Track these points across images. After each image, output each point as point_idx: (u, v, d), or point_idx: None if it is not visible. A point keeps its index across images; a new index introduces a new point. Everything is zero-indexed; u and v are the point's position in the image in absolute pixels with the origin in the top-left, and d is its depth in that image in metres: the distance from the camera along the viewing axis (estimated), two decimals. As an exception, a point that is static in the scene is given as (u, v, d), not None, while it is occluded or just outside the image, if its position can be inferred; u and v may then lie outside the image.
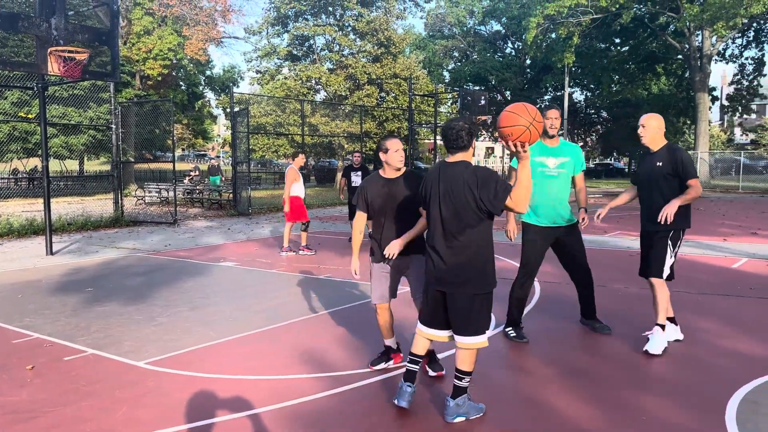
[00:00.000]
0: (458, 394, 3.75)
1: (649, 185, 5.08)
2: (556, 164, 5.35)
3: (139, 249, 11.15)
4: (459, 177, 3.63)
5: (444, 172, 3.71)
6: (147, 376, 4.57)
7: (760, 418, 3.71)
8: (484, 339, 3.77)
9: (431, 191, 3.78)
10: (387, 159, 4.39)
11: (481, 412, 3.82)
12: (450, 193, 3.64)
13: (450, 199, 3.65)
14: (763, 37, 34.28)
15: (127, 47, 28.23)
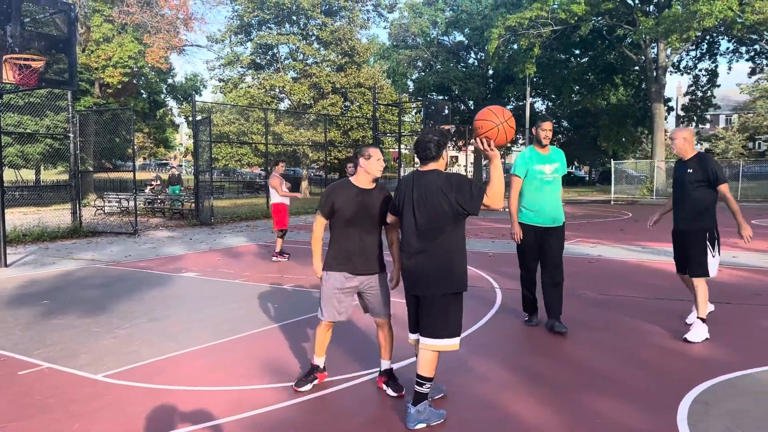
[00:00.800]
0: (419, 401, 3.79)
1: (683, 190, 5.63)
2: (552, 170, 5.82)
3: (97, 260, 10.93)
4: (432, 183, 3.75)
5: (418, 180, 3.83)
6: (104, 389, 4.49)
7: (710, 419, 3.83)
8: (455, 342, 3.83)
9: (405, 198, 3.88)
10: (367, 166, 4.25)
11: (441, 418, 3.86)
12: (424, 198, 3.75)
13: (424, 204, 3.75)
14: (716, 50, 35.51)
15: (85, 55, 27.70)
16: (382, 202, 4.27)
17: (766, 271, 8.87)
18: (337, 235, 4.31)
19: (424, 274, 3.78)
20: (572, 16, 28.56)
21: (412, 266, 3.84)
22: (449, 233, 3.75)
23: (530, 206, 5.80)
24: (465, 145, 39.65)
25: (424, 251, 3.77)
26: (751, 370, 4.68)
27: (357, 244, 4.26)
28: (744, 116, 58.95)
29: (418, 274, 3.81)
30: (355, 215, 4.23)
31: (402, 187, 3.95)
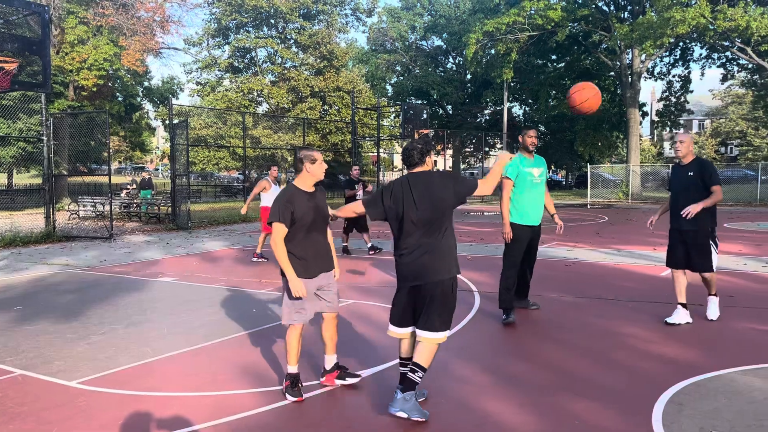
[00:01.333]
0: (408, 389, 3.91)
1: (687, 192, 6.04)
2: (539, 173, 6.40)
3: (72, 265, 10.77)
4: (430, 180, 4.03)
5: (414, 180, 4.05)
6: (78, 396, 4.42)
7: (684, 419, 3.89)
8: (445, 335, 4.04)
9: (404, 198, 4.03)
10: (314, 170, 4.29)
11: (423, 417, 3.90)
12: (426, 194, 3.97)
13: (427, 199, 3.97)
14: (689, 56, 36.14)
15: (60, 57, 27.31)
16: (325, 201, 4.44)
17: (738, 274, 9.03)
18: (296, 242, 4.24)
19: (429, 266, 3.97)
20: (549, 21, 28.88)
21: (415, 261, 4.00)
22: (448, 222, 4.06)
23: (522, 207, 6.32)
24: (444, 149, 39.79)
25: (430, 242, 3.99)
26: (723, 371, 4.76)
27: (315, 247, 4.33)
28: (716, 121, 60.15)
29: (421, 267, 3.98)
30: (313, 220, 4.25)
31: (397, 190, 4.07)
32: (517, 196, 6.30)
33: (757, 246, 12.25)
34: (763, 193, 28.12)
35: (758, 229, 15.90)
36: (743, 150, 54.41)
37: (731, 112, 56.08)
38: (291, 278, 4.20)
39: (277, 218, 4.15)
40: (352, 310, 7.04)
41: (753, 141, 52.45)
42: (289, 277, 4.20)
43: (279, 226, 4.17)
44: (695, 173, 6.01)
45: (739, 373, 4.74)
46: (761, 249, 11.81)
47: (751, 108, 47.92)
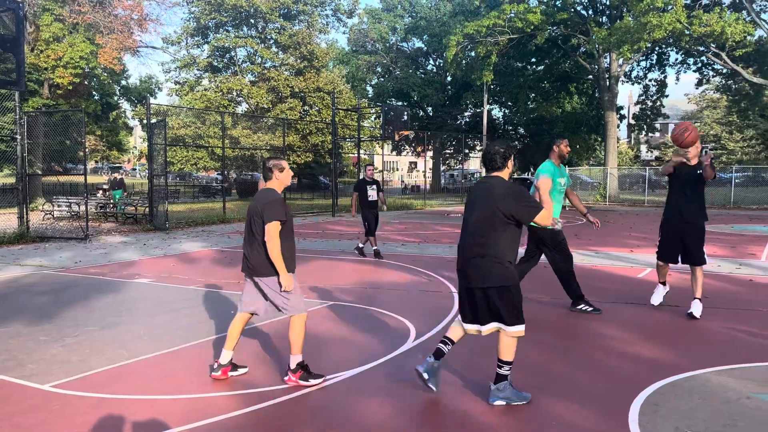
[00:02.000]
0: (499, 381, 4.21)
1: (694, 188, 6.53)
2: (564, 182, 6.91)
3: (45, 266, 10.58)
4: (495, 187, 4.15)
5: (484, 184, 4.25)
6: (51, 399, 4.34)
7: (659, 419, 3.93)
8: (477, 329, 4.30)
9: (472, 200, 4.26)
10: (282, 177, 4.67)
11: (525, 400, 4.19)
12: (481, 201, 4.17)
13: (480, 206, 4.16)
14: (665, 61, 36.66)
15: (34, 54, 26.85)
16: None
17: (713, 275, 9.16)
18: (282, 240, 4.54)
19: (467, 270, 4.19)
20: (528, 25, 29.09)
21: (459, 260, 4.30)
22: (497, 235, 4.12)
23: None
24: (424, 151, 39.88)
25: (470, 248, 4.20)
26: (698, 372, 4.82)
27: (291, 247, 4.70)
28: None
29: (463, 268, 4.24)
30: (291, 219, 4.68)
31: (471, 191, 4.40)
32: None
33: (731, 248, 12.45)
34: (736, 196, 28.63)
35: (732, 231, 16.17)
36: (717, 153, 55.33)
37: (706, 116, 57.02)
38: (284, 273, 4.49)
39: (278, 217, 4.46)
40: (331, 312, 7.01)
41: (727, 145, 53.38)
42: (282, 271, 4.49)
43: (278, 225, 4.48)
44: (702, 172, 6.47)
45: (713, 373, 4.80)
46: (735, 251, 12.00)
47: (726, 112, 48.82)
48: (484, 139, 37.25)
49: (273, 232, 4.45)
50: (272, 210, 4.46)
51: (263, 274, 4.58)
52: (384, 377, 4.81)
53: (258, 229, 4.55)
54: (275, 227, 4.46)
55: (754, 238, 14.46)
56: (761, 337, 5.81)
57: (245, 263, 4.73)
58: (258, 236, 4.56)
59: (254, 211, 4.59)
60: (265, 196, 4.57)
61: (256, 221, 4.56)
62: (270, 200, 4.51)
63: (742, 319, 6.56)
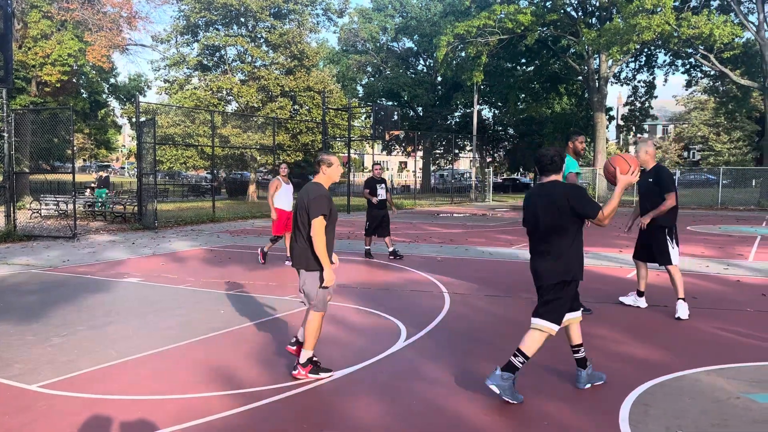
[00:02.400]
0: (583, 365, 4.53)
1: (646, 195, 6.86)
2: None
3: (33, 265, 10.48)
4: (555, 192, 4.35)
5: (541, 190, 4.44)
6: (39, 400, 4.29)
7: (650, 419, 3.94)
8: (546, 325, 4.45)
9: (535, 206, 4.43)
10: (331, 173, 4.80)
11: (602, 380, 4.53)
12: (549, 205, 4.32)
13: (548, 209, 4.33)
14: (654, 62, 36.90)
15: (22, 51, 26.60)
16: None
17: (701, 276, 9.23)
18: (328, 234, 4.69)
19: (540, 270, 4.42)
20: (519, 25, 29.18)
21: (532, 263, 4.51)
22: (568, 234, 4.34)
23: None
24: (414, 151, 39.90)
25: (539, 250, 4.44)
26: (688, 372, 4.85)
27: (332, 242, 4.80)
28: (680, 127, 61.54)
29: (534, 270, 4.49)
30: (335, 214, 4.77)
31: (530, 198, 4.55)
32: None
33: (719, 248, 12.54)
34: (724, 197, 28.86)
35: (720, 231, 16.30)
36: (705, 155, 55.78)
37: (694, 118, 57.44)
38: (327, 268, 4.63)
39: (323, 212, 4.58)
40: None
41: (715, 146, 53.78)
42: (326, 266, 4.62)
43: (323, 221, 4.59)
44: (653, 180, 6.72)
45: (703, 373, 4.83)
46: (723, 251, 12.09)
47: (713, 114, 49.19)
48: (474, 140, 37.34)
49: (318, 228, 4.57)
50: (318, 205, 4.58)
51: (304, 267, 4.72)
52: (375, 377, 4.80)
53: (304, 222, 4.69)
54: (320, 222, 4.57)
55: (742, 238, 14.58)
56: (750, 338, 5.85)
57: (292, 254, 4.88)
58: (303, 230, 4.69)
59: (301, 205, 4.74)
60: (311, 190, 4.69)
61: (302, 215, 4.71)
62: (316, 195, 4.63)
63: (730, 319, 6.60)
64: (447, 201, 33.90)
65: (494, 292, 8.02)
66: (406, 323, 6.39)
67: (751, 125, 49.09)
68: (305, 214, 4.65)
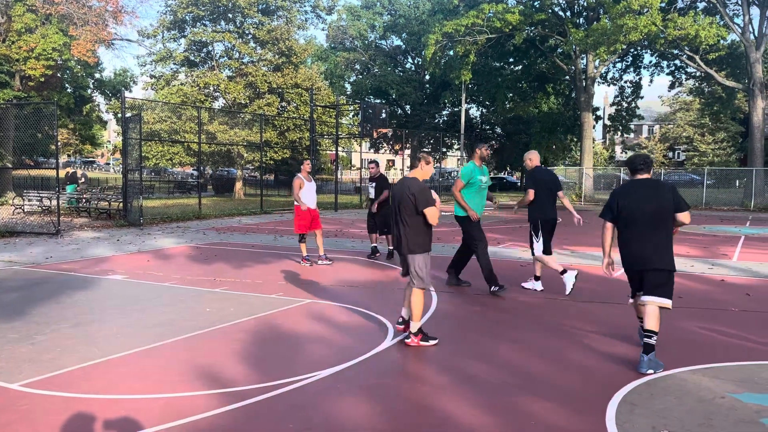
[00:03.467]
0: (649, 351, 4.84)
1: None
2: (485, 180, 8.05)
3: (15, 262, 10.34)
4: (660, 188, 5.17)
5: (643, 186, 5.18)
6: (20, 399, 4.22)
7: (636, 418, 3.95)
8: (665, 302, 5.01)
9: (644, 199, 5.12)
10: (426, 170, 5.69)
11: (661, 368, 4.84)
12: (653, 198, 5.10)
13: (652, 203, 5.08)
14: (640, 63, 37.12)
15: (6, 45, 26.25)
16: None
17: (686, 275, 9.29)
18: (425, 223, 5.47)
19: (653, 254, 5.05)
20: (507, 25, 29.22)
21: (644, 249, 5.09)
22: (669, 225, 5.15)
23: (473, 204, 7.89)
24: (402, 149, 39.90)
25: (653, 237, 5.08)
26: (673, 371, 4.87)
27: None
28: (665, 127, 62.02)
29: (650, 253, 5.06)
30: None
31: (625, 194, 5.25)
32: (468, 197, 7.87)
33: (703, 248, 12.64)
34: (708, 197, 29.12)
35: (704, 231, 16.43)
36: (690, 155, 56.26)
37: (679, 119, 57.91)
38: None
39: (432, 203, 5.36)
40: (309, 310, 6.96)
41: (699, 147, 54.26)
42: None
43: (434, 209, 5.40)
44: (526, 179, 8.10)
45: (688, 372, 4.85)
46: (708, 251, 12.19)
47: (699, 115, 49.62)
48: (462, 138, 37.39)
49: (433, 214, 5.40)
50: (424, 197, 5.36)
51: (411, 252, 5.48)
52: (362, 376, 4.78)
53: (408, 212, 5.41)
54: (433, 211, 5.37)
55: (726, 238, 14.71)
56: (734, 337, 5.90)
57: (397, 243, 5.62)
58: (409, 219, 5.43)
59: (401, 197, 5.44)
60: (411, 184, 5.41)
61: (406, 207, 5.39)
62: (419, 189, 5.38)
63: (715, 319, 6.65)
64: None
65: (481, 291, 8.02)
66: (392, 321, 6.37)
67: (735, 126, 49.58)
68: (411, 206, 5.37)
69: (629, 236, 5.16)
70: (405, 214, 5.41)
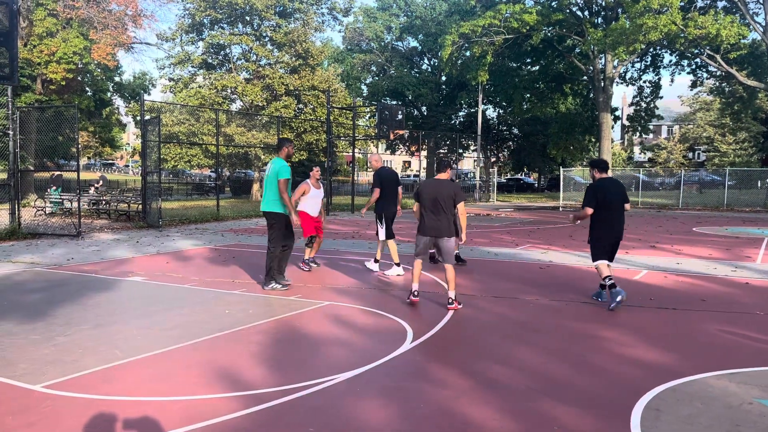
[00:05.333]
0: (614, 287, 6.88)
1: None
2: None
3: (37, 263, 10.46)
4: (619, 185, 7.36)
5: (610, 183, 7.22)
6: (43, 400, 4.25)
7: (662, 425, 3.88)
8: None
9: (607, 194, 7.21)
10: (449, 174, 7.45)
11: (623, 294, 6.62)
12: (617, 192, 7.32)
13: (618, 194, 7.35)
14: (660, 63, 36.71)
15: (27, 49, 26.62)
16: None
17: (709, 278, 9.16)
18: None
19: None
20: (524, 25, 29.06)
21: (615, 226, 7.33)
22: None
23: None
24: (418, 150, 39.82)
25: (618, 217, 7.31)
26: (699, 376, 4.79)
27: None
28: (685, 127, 61.28)
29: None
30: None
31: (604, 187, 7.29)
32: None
33: (726, 250, 12.45)
34: (729, 198, 28.71)
35: (726, 233, 16.20)
36: (710, 156, 55.53)
37: (699, 119, 57.20)
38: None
39: (465, 198, 7.13)
40: (328, 312, 6.95)
41: (720, 147, 53.55)
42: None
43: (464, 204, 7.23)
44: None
45: (714, 377, 4.76)
46: (730, 253, 12.01)
47: (719, 115, 48.94)
48: (478, 139, 37.25)
49: (463, 209, 7.16)
50: (462, 194, 7.15)
51: (446, 235, 7.02)
52: (382, 379, 4.75)
53: (447, 204, 6.98)
54: (463, 206, 7.11)
55: (749, 240, 14.48)
56: (760, 341, 5.79)
57: (432, 228, 7.06)
58: (446, 210, 6.99)
59: (441, 194, 7.00)
60: (447, 185, 7.10)
61: (446, 201, 6.97)
62: (459, 187, 7.28)
63: (740, 322, 6.53)
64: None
65: (500, 294, 7.96)
66: (411, 324, 6.34)
67: (757, 126, 48.85)
68: (450, 200, 6.98)
69: (609, 218, 7.16)
70: (447, 206, 6.98)
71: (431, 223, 7.03)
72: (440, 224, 6.98)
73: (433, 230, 7.05)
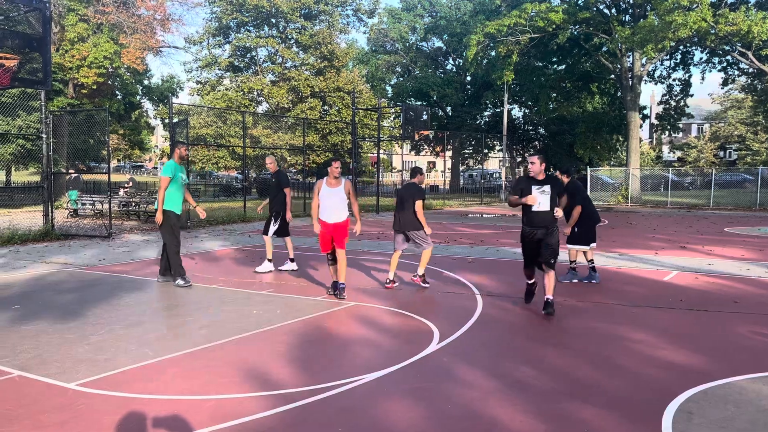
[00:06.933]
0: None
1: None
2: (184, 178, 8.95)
3: (70, 264, 10.69)
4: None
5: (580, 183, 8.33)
6: (77, 398, 4.35)
7: (694, 428, 3.82)
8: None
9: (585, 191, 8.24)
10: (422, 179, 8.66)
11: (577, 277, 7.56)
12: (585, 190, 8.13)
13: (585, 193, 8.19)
14: (689, 60, 36.07)
15: (59, 54, 27.21)
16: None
17: (742, 279, 8.98)
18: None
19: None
20: (550, 24, 28.81)
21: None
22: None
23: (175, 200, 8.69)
24: (443, 151, 39.74)
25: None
26: (731, 379, 4.70)
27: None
28: (715, 126, 60.15)
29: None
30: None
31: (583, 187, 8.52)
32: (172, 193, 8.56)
33: (759, 251, 12.20)
34: (762, 198, 28.10)
35: (759, 233, 15.86)
36: (742, 154, 54.41)
37: (730, 117, 56.09)
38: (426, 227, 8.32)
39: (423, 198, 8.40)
40: (355, 313, 6.98)
41: (752, 145, 52.42)
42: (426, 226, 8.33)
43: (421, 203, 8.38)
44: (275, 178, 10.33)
45: (747, 380, 4.68)
46: (763, 254, 11.76)
47: (751, 113, 47.92)
48: (504, 139, 37.02)
49: (420, 207, 8.20)
50: (419, 194, 8.25)
51: (415, 229, 8.27)
52: (409, 380, 4.76)
53: (408, 204, 8.16)
54: (420, 204, 8.19)
55: (783, 241, 14.15)
56: (795, 344, 5.66)
57: (398, 223, 8.37)
58: (408, 208, 8.19)
59: (404, 196, 8.30)
60: (413, 187, 8.32)
61: (408, 201, 8.18)
62: (420, 189, 8.35)
63: (774, 324, 6.39)
64: (476, 201, 33.68)
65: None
66: (438, 325, 6.34)
67: (790, 124, 47.68)
68: (410, 199, 8.15)
69: (592, 210, 8.77)
70: (408, 204, 8.18)
71: (396, 219, 8.42)
72: (404, 220, 8.29)
73: (397, 224, 8.43)
